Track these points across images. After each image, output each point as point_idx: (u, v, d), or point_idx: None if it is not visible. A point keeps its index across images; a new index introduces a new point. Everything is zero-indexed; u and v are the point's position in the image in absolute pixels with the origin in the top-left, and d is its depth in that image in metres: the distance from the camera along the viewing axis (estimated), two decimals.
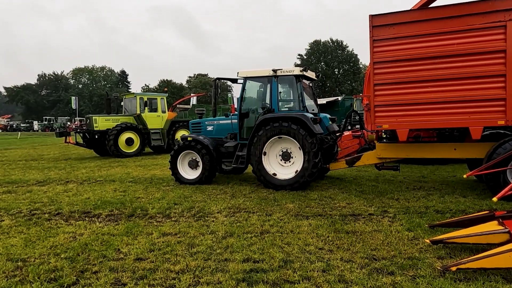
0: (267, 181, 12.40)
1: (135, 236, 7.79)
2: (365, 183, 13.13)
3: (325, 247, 6.91)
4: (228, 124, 13.89)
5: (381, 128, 11.03)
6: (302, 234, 7.70)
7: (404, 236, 7.37)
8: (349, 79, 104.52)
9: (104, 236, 7.81)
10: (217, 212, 9.55)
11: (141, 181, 14.69)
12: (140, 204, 10.53)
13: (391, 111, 10.79)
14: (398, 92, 10.65)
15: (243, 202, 10.60)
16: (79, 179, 15.51)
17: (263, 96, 13.60)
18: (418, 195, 11.06)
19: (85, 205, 10.62)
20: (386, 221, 8.46)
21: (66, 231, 8.24)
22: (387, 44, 10.68)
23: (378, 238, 7.32)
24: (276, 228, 8.10)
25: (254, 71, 13.23)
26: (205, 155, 13.46)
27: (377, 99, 10.92)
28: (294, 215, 9.15)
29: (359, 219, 8.70)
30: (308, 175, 11.90)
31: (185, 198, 11.28)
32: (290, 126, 11.99)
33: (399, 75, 10.60)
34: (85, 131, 25.91)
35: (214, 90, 13.71)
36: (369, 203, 10.19)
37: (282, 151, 12.48)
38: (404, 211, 9.22)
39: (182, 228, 8.27)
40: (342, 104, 33.79)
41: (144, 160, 22.60)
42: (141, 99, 26.71)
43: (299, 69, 12.87)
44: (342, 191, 11.87)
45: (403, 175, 14.81)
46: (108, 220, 9.19)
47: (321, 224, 8.32)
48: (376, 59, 10.86)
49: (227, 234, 7.79)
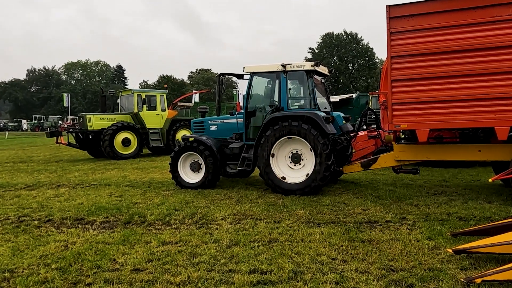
0: (275, 185, 12.41)
1: (132, 245, 7.80)
2: (382, 188, 13.12)
3: (338, 257, 6.90)
4: (233, 123, 13.92)
5: (399, 128, 11.01)
6: (314, 243, 7.69)
7: (424, 245, 7.36)
8: (364, 75, 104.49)
9: (98, 245, 7.82)
10: (221, 219, 9.56)
11: (139, 185, 14.73)
12: (138, 210, 10.56)
13: (410, 110, 10.77)
14: (418, 89, 10.63)
15: (249, 208, 10.61)
16: (72, 183, 15.57)
17: (271, 93, 13.61)
18: (440, 200, 11.04)
19: (78, 211, 10.64)
20: (405, 229, 8.45)
21: (57, 240, 8.25)
22: (406, 36, 10.67)
23: (396, 247, 7.31)
24: (285, 237, 8.10)
25: (261, 66, 13.24)
26: (208, 157, 13.48)
27: (395, 96, 10.91)
28: (305, 222, 9.15)
29: (375, 227, 8.70)
30: (320, 179, 11.89)
31: (187, 203, 11.30)
32: (301, 126, 11.98)
33: (419, 70, 10.58)
34: (78, 131, 26.04)
35: (218, 86, 13.69)
36: (386, 209, 10.18)
37: (291, 153, 12.49)
38: (424, 218, 9.20)
39: (183, 236, 8.28)
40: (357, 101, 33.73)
41: (142, 163, 22.67)
42: (138, 96, 26.81)
43: (310, 63, 12.86)
44: (357, 196, 11.86)
45: (423, 179, 14.78)
46: (103, 227, 9.21)
47: (334, 232, 8.31)
48: (394, 53, 10.84)
49: (232, 242, 7.80)
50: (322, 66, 13.56)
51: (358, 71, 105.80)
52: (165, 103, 28.07)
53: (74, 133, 26.41)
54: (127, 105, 27.47)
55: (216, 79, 13.82)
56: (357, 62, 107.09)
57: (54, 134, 26.03)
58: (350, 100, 34.12)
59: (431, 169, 16.91)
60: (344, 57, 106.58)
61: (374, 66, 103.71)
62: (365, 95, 34.45)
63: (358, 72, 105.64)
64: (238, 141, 13.64)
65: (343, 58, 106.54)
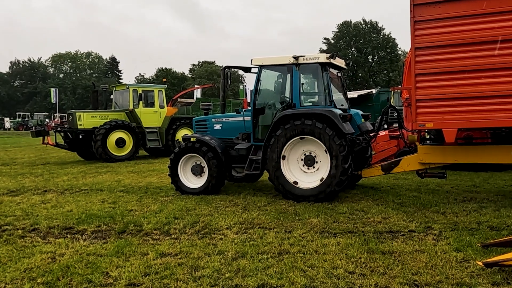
0: (286, 191, 12.44)
1: (127, 257, 7.84)
2: (405, 194, 13.11)
3: (356, 271, 6.93)
4: (240, 122, 13.90)
5: (424, 127, 11.01)
6: (329, 254, 7.72)
7: (451, 258, 7.37)
8: (385, 68, 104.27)
9: (89, 257, 7.86)
10: (226, 228, 9.60)
11: (135, 190, 14.79)
12: (133, 219, 10.61)
13: (436, 107, 10.76)
14: (445, 83, 10.61)
15: (257, 216, 10.65)
16: (60, 188, 15.65)
17: (281, 89, 13.62)
18: (469, 208, 11.03)
19: (67, 220, 10.68)
20: (430, 240, 8.46)
21: (43, 251, 8.28)
22: (432, 26, 10.65)
23: (420, 260, 7.33)
24: (297, 248, 8.13)
25: (271, 58, 13.26)
26: (211, 159, 13.50)
27: (420, 92, 10.90)
28: (319, 232, 9.18)
29: (397, 237, 8.71)
30: (336, 184, 11.90)
31: (188, 211, 11.34)
32: (315, 125, 11.99)
33: (446, 63, 10.56)
34: (67, 130, 26.09)
35: (223, 81, 13.73)
36: (409, 217, 10.18)
37: (304, 155, 12.51)
38: (452, 228, 9.21)
39: (183, 247, 8.31)
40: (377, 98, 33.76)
41: (138, 165, 22.74)
42: (134, 92, 26.81)
43: (325, 55, 12.88)
44: (377, 203, 11.87)
45: (451, 184, 14.76)
46: (95, 237, 9.26)
47: (351, 242, 8.34)
48: (418, 44, 10.84)
49: (238, 254, 7.83)
50: (338, 58, 13.56)
51: (379, 64, 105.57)
52: (163, 99, 28.08)
53: (63, 132, 26.44)
54: (122, 102, 27.48)
55: (221, 72, 13.86)
56: (377, 54, 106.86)
57: (40, 133, 26.08)
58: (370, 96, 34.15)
59: (460, 173, 16.87)
60: (363, 49, 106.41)
61: (396, 59, 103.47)
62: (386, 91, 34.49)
63: (379, 65, 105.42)
64: (245, 142, 13.64)
65: (362, 50, 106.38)
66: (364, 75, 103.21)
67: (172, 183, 14.13)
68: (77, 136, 25.62)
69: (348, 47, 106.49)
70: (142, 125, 26.66)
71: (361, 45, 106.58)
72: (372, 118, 19.02)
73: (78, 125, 25.32)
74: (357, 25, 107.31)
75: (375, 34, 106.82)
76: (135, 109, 26.61)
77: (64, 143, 26.53)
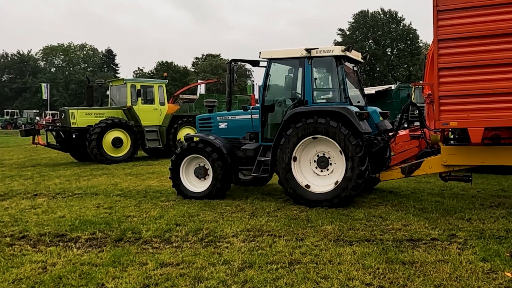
0: (297, 195, 12.44)
1: (124, 267, 7.85)
2: (427, 199, 13.11)
3: (374, 283, 6.93)
4: (247, 120, 13.89)
5: (448, 126, 11.00)
6: (344, 265, 7.72)
7: (477, 268, 7.36)
8: (405, 62, 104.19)
9: (83, 267, 7.88)
10: (232, 236, 9.62)
11: (133, 194, 14.84)
12: (131, 225, 10.64)
13: (461, 104, 10.73)
14: (471, 78, 10.58)
15: (266, 222, 10.65)
16: (51, 191, 15.70)
17: (293, 84, 13.64)
18: (497, 214, 11.02)
19: (59, 226, 10.70)
20: (455, 249, 8.45)
21: (34, 260, 8.29)
22: (457, 15, 10.62)
23: (443, 270, 7.32)
24: (309, 257, 8.14)
25: (281, 51, 13.28)
26: (216, 160, 13.50)
27: (443, 87, 10.88)
28: (334, 240, 9.19)
29: (418, 246, 8.71)
30: (351, 188, 11.89)
31: (190, 217, 11.37)
32: (329, 123, 11.98)
33: (473, 56, 10.52)
34: (59, 129, 26.09)
35: (228, 75, 13.75)
36: (432, 224, 10.18)
37: (317, 156, 12.52)
38: (478, 236, 9.20)
39: (186, 256, 8.33)
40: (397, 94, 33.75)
41: (136, 167, 22.81)
42: (132, 87, 26.80)
43: (340, 48, 12.87)
44: (397, 209, 11.87)
45: (477, 188, 14.75)
46: (89, 245, 9.28)
47: (369, 252, 8.34)
48: (441, 36, 10.82)
49: (246, 264, 7.84)
50: (354, 51, 13.54)
51: (398, 57, 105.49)
52: (164, 96, 28.11)
53: (54, 131, 26.45)
54: (119, 98, 27.55)
55: (227, 66, 13.88)
56: (396, 46, 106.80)
57: (30, 132, 26.07)
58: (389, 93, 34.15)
59: (486, 176, 16.83)
60: (381, 41, 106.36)
61: (418, 52, 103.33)
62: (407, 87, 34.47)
63: (398, 58, 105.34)
64: (253, 142, 13.65)
65: (380, 42, 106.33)
66: (382, 70, 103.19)
67: (173, 187, 14.15)
68: (70, 136, 25.54)
69: (365, 39, 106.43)
70: (140, 124, 26.65)
71: (379, 37, 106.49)
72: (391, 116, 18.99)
73: (71, 123, 25.31)
74: (375, 15, 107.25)
75: (394, 25, 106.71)
76: (133, 106, 26.59)
77: (56, 143, 26.51)
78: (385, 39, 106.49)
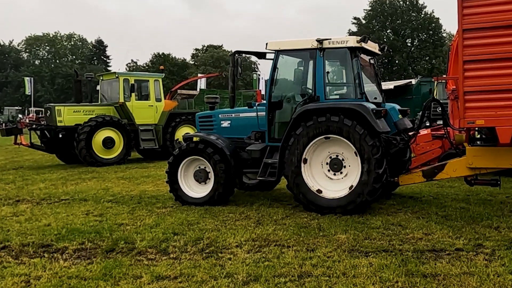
0: (308, 201, 12.46)
1: (116, 281, 7.88)
2: (451, 205, 13.13)
3: None
4: (253, 118, 13.90)
5: (474, 125, 11.00)
6: (359, 278, 7.75)
7: (506, 282, 7.39)
8: (427, 54, 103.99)
9: (71, 281, 7.90)
10: (235, 246, 9.65)
11: (125, 200, 14.89)
12: (124, 234, 10.68)
13: (488, 100, 10.71)
14: (499, 72, 10.55)
15: (273, 231, 10.69)
16: (35, 197, 15.76)
17: (303, 78, 13.67)
18: None
19: (44, 236, 10.72)
20: (481, 260, 8.47)
21: (15, 273, 8.30)
22: (484, 3, 10.60)
23: (469, 284, 7.35)
24: (321, 270, 8.16)
25: (290, 42, 13.31)
26: (218, 162, 13.50)
27: (468, 82, 10.87)
28: (348, 250, 9.21)
29: (441, 257, 8.73)
30: (368, 193, 11.91)
31: (190, 225, 11.41)
32: (343, 122, 11.98)
33: (501, 47, 10.49)
34: (44, 128, 26.05)
35: (232, 68, 13.75)
36: (456, 233, 10.19)
37: (330, 158, 12.54)
38: (507, 246, 9.20)
39: (184, 269, 8.36)
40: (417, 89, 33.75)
41: (129, 170, 22.86)
42: (125, 82, 26.84)
43: (355, 38, 12.87)
44: (417, 216, 11.89)
45: (506, 193, 14.74)
46: (77, 257, 9.30)
47: (386, 263, 8.36)
48: (467, 25, 10.80)
49: (251, 277, 7.87)
50: (371, 42, 13.56)
51: (419, 49, 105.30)
52: (160, 91, 28.15)
53: (39, 130, 26.41)
54: (110, 94, 27.59)
55: (230, 58, 13.88)
56: (417, 37, 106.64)
57: (11, 132, 26.08)
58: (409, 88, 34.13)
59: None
60: (400, 31, 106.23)
61: (441, 43, 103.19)
62: (429, 81, 34.41)
63: (419, 50, 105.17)
64: (259, 142, 13.66)
65: (399, 32, 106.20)
66: (401, 62, 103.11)
67: (170, 192, 14.16)
68: (56, 135, 25.43)
69: (383, 29, 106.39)
70: (134, 122, 26.68)
71: (398, 26, 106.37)
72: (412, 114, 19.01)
73: (58, 121, 25.30)
74: (394, 2, 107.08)
75: (415, 13, 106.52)
76: (126, 103, 26.61)
77: (40, 144, 26.54)
78: (405, 28, 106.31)
